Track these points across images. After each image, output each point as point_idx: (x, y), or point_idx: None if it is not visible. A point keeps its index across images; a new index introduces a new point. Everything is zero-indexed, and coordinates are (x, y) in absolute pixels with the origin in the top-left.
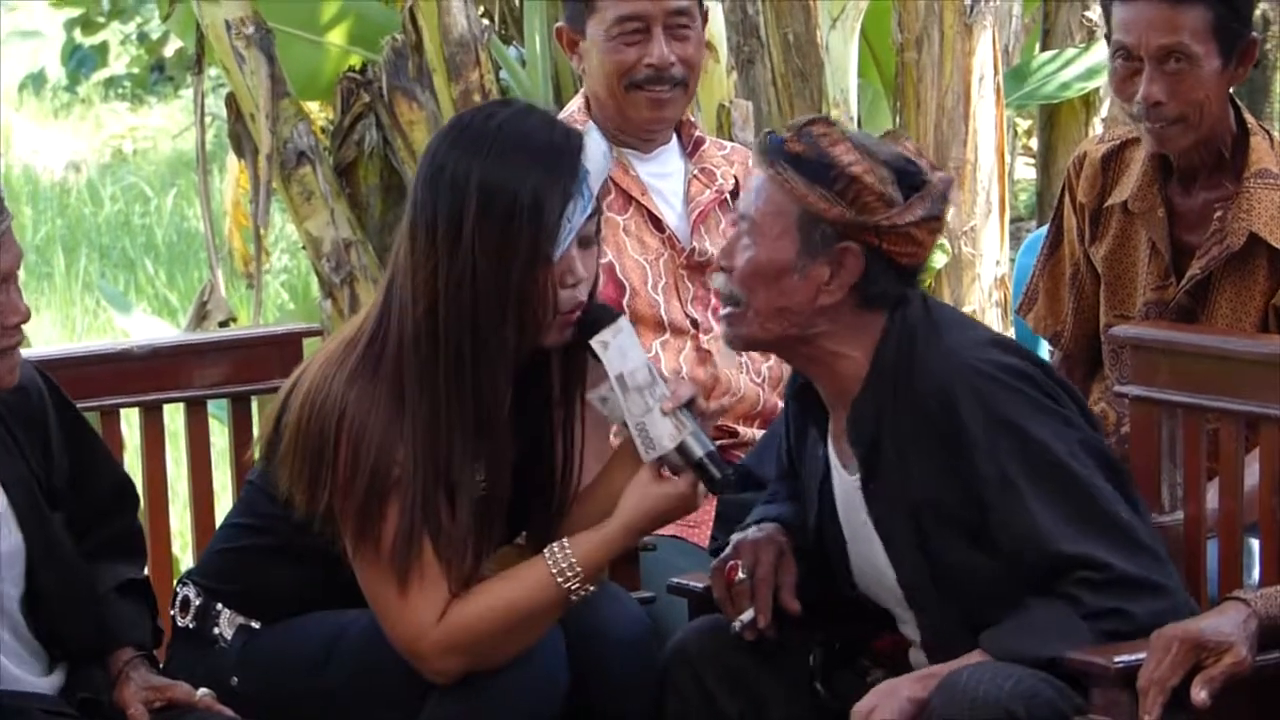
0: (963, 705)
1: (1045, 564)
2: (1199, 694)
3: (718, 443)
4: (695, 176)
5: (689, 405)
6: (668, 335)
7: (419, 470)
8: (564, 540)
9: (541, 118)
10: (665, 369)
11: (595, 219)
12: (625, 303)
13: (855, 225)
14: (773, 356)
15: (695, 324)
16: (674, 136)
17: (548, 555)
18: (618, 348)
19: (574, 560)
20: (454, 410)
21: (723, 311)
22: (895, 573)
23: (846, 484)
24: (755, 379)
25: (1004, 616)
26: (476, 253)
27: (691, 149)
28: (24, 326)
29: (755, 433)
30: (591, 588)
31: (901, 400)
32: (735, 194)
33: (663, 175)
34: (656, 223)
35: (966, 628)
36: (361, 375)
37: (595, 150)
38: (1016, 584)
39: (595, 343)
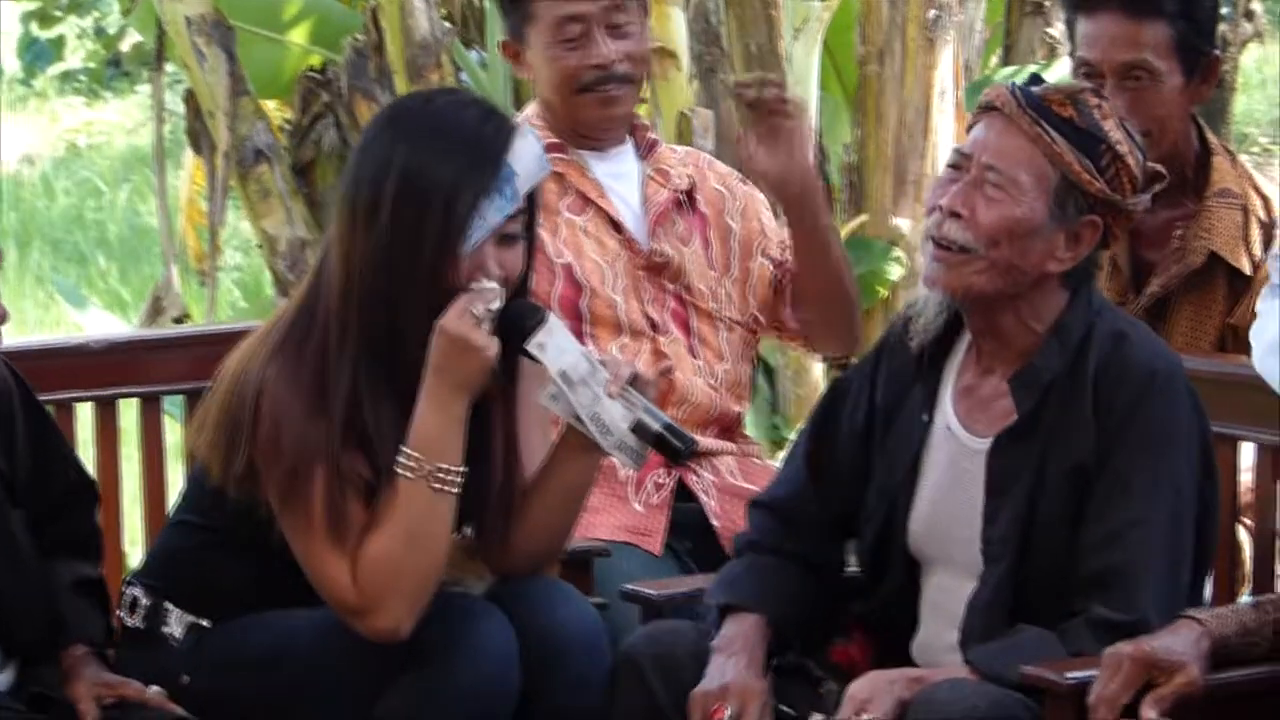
0: None
1: (1107, 571)
2: (1148, 713)
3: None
4: (651, 177)
5: (633, 382)
6: (625, 338)
7: (340, 445)
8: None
9: (478, 110)
10: None
11: (520, 219)
12: (584, 304)
13: (1107, 203)
14: (729, 359)
15: (654, 325)
16: (629, 137)
17: (397, 466)
18: (554, 346)
19: (406, 449)
20: (374, 387)
21: (939, 254)
22: (985, 527)
23: (960, 442)
24: (711, 383)
25: (1051, 604)
26: (391, 235)
27: (646, 150)
28: None
29: (710, 441)
30: (447, 466)
31: (1078, 368)
32: (690, 194)
33: (619, 175)
34: (614, 225)
35: (1015, 603)
36: (285, 349)
37: (527, 151)
38: (1074, 573)
39: (532, 346)
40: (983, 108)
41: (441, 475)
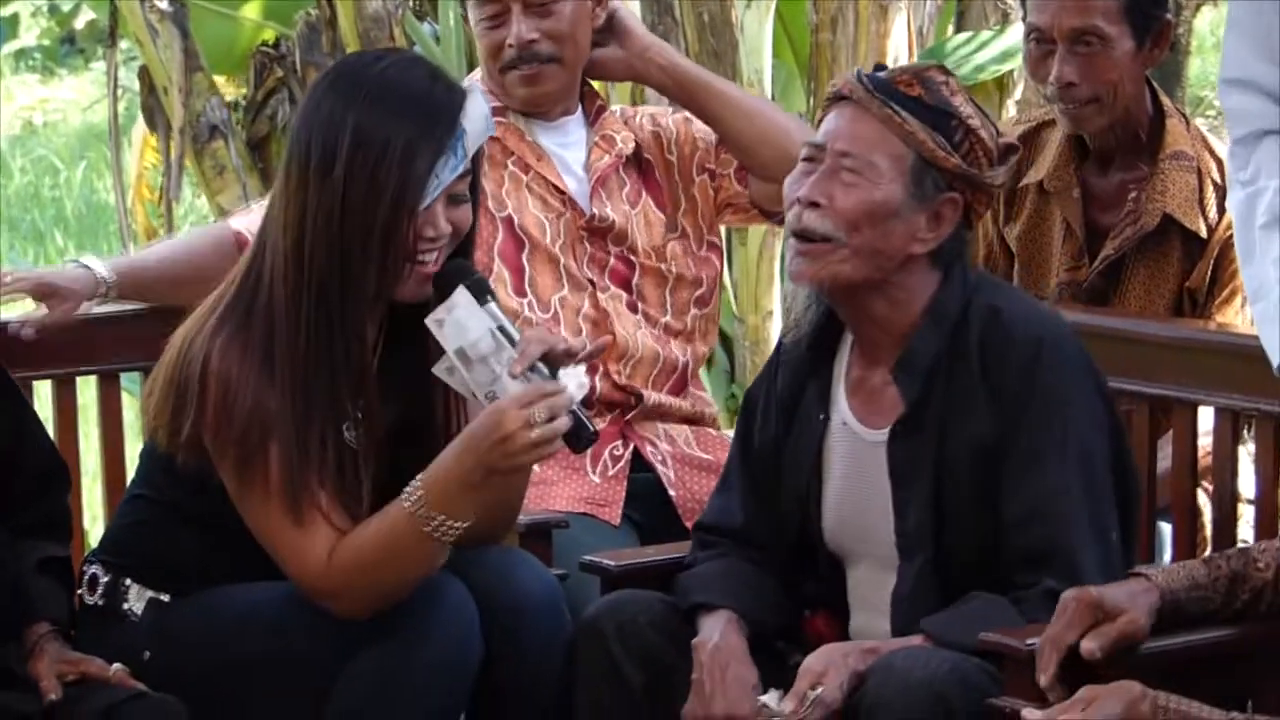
0: (897, 688)
1: (1035, 548)
2: (1089, 645)
3: (621, 411)
4: (596, 144)
5: (554, 360)
6: (565, 291)
7: (294, 410)
8: (419, 476)
9: (426, 70)
10: (564, 330)
11: (468, 178)
12: (524, 256)
13: (965, 178)
14: (670, 312)
15: (592, 283)
16: (579, 107)
17: (404, 492)
18: (454, 322)
19: (419, 486)
20: (320, 347)
21: (802, 248)
22: (896, 520)
23: (858, 436)
24: (653, 333)
25: (977, 584)
26: (345, 190)
27: (594, 118)
28: None
29: (661, 397)
30: (451, 522)
31: (959, 348)
32: (636, 156)
33: (566, 144)
34: (556, 189)
35: (939, 588)
36: (231, 314)
37: (476, 111)
38: (1000, 554)
39: (430, 321)
40: (831, 98)
41: (442, 526)
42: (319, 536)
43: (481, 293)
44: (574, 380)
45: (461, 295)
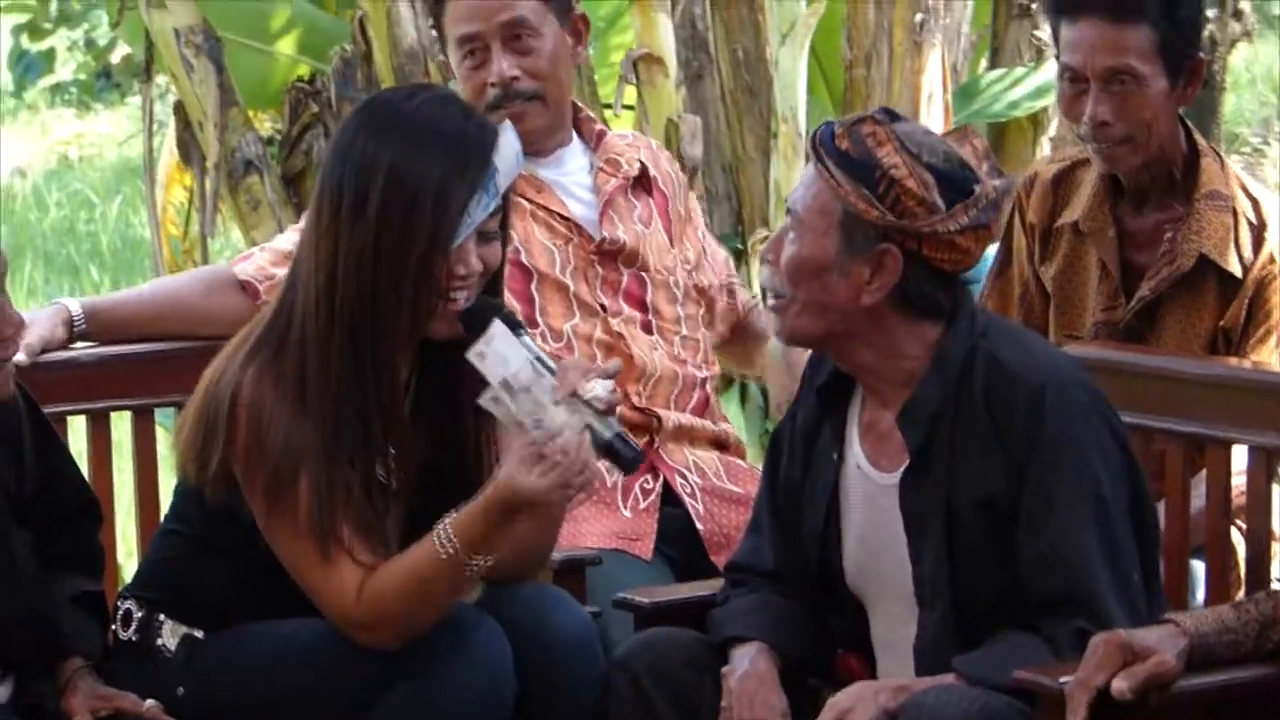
0: None
1: (1056, 593)
2: (1120, 685)
3: (649, 439)
4: (601, 168)
5: (584, 389)
6: (577, 318)
7: (325, 445)
8: (450, 513)
9: (459, 107)
10: (579, 355)
11: (499, 215)
12: (532, 287)
13: (894, 229)
14: (684, 328)
15: (604, 308)
16: (574, 136)
17: (435, 530)
18: (495, 354)
19: (451, 534)
20: (351, 383)
21: (769, 303)
22: (913, 568)
23: (871, 479)
24: (670, 352)
25: (998, 631)
26: (379, 230)
27: (595, 142)
28: None
29: (682, 417)
30: (483, 559)
31: (965, 395)
32: (642, 178)
33: (567, 174)
34: (561, 217)
35: (960, 636)
36: (262, 351)
37: (508, 149)
38: (1022, 601)
39: (471, 355)
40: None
41: (473, 564)
42: (347, 571)
43: (514, 326)
44: (604, 389)
45: (498, 327)
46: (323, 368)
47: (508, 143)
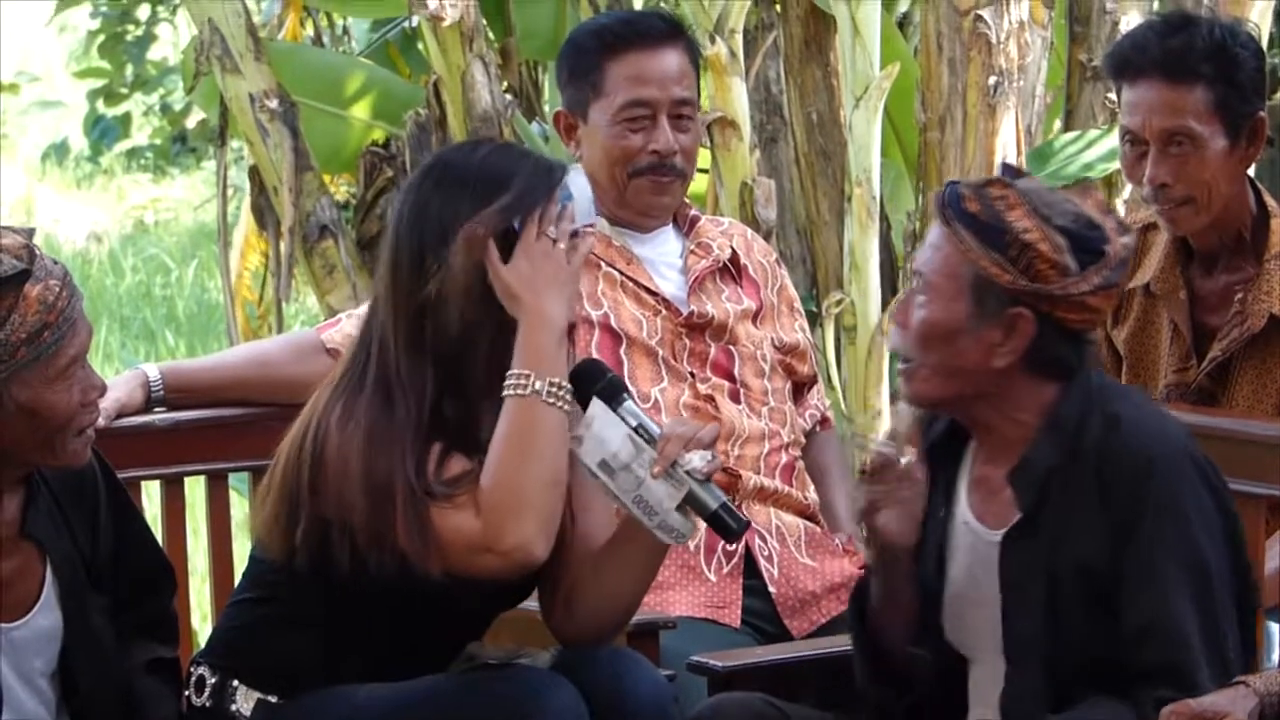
0: None
1: (1151, 664)
2: None
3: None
4: (692, 251)
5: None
6: (665, 383)
7: (421, 459)
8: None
9: (521, 152)
10: (665, 416)
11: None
12: (622, 351)
13: (1028, 293)
14: (772, 399)
15: (693, 375)
16: (670, 221)
17: (504, 385)
18: (592, 437)
19: (513, 370)
20: (438, 431)
21: (899, 367)
22: (1004, 624)
23: (977, 534)
24: (757, 421)
25: (1087, 693)
26: (463, 285)
27: (688, 228)
28: None
29: (763, 480)
30: (555, 380)
31: (1076, 457)
32: (734, 262)
33: (661, 254)
34: (650, 291)
35: (1049, 695)
36: (340, 406)
37: (579, 187)
38: (1118, 668)
39: (569, 439)
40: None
41: (552, 390)
42: (463, 512)
43: (616, 393)
44: (701, 460)
45: (596, 406)
46: (408, 393)
47: (578, 180)
